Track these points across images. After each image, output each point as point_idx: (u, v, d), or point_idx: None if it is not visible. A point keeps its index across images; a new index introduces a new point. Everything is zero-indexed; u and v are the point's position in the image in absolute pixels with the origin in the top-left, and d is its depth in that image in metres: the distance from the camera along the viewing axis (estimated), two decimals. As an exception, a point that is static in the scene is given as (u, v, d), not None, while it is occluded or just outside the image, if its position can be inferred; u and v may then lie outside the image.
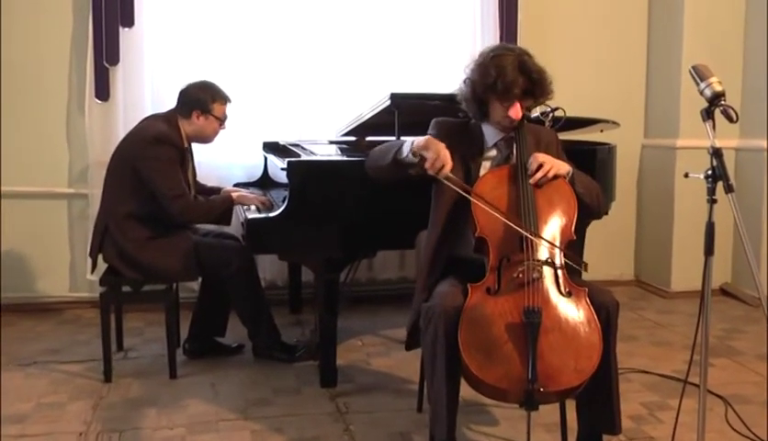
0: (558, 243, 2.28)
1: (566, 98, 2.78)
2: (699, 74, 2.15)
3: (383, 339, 3.91)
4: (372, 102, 3.37)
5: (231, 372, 3.38)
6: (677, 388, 2.98)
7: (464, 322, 2.12)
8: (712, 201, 2.10)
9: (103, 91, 4.17)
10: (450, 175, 2.32)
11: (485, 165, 2.49)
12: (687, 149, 4.54)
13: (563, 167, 2.39)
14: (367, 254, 3.48)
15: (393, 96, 3.11)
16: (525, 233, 2.22)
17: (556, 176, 2.36)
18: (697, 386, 2.17)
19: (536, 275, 2.18)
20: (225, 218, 3.32)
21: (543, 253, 2.25)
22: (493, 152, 2.51)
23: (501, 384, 2.05)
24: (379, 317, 4.28)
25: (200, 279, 3.62)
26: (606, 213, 3.60)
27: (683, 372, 2.55)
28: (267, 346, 3.49)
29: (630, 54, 4.95)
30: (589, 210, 2.46)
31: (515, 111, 2.37)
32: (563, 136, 2.81)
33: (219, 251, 3.36)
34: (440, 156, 2.30)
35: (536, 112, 2.85)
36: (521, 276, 2.17)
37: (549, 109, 2.89)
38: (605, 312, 2.19)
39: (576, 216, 2.35)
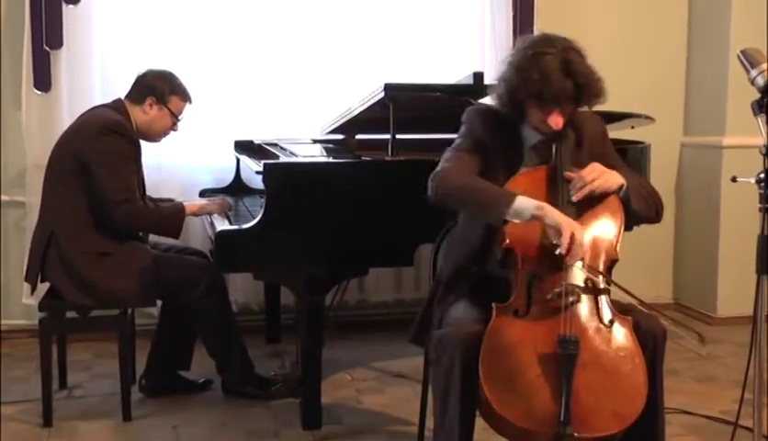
0: (600, 265, 2.26)
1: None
2: (750, 60, 2.16)
3: (376, 372, 3.89)
4: (363, 94, 3.38)
5: (197, 412, 3.37)
6: (726, 432, 2.97)
7: (486, 349, 2.10)
8: (765, 210, 2.11)
9: (43, 80, 4.16)
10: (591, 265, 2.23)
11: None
12: (735, 148, 4.55)
13: (613, 181, 2.34)
14: (357, 273, 3.48)
15: (388, 88, 3.11)
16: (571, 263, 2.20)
17: (604, 193, 2.33)
18: (750, 430, 2.17)
19: (572, 298, 2.17)
20: (173, 230, 3.32)
21: (582, 274, 2.23)
22: (533, 156, 2.48)
23: (526, 424, 2.03)
24: (372, 347, 4.27)
25: (160, 303, 3.61)
26: (638, 224, 3.60)
27: (732, 413, 2.54)
28: (239, 382, 3.48)
29: (667, 37, 4.97)
30: (647, 221, 2.51)
31: (556, 121, 2.33)
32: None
33: (183, 269, 3.35)
34: (580, 242, 2.18)
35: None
36: (556, 299, 2.16)
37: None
38: (652, 342, 2.19)
39: (621, 232, 2.34)
